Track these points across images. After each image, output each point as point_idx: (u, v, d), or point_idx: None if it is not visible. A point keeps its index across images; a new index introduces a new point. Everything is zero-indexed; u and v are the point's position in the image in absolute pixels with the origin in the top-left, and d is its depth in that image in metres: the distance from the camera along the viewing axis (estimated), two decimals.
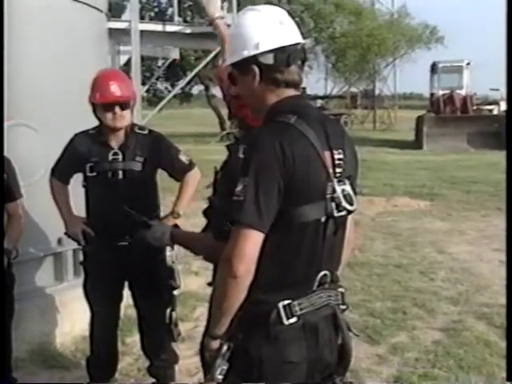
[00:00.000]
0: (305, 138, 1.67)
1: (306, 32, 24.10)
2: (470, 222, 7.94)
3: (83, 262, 3.27)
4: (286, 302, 1.68)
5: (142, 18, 12.36)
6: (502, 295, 4.20)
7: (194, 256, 2.36)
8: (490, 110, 22.51)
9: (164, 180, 3.35)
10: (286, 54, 1.72)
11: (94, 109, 3.08)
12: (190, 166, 3.23)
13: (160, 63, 16.03)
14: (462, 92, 20.93)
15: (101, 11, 4.58)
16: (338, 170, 1.73)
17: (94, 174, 3.09)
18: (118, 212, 2.53)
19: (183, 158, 3.22)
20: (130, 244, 2.94)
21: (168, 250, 2.41)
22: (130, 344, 3.83)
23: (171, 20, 12.05)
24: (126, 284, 3.24)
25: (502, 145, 4.86)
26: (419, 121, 19.83)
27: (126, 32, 8.46)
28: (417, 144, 19.18)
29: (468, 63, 21.83)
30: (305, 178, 1.65)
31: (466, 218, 8.20)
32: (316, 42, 30.04)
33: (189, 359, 3.51)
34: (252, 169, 1.61)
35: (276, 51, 1.72)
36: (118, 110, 3.01)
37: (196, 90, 33.74)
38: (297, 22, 1.85)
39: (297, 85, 1.78)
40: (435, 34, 31.76)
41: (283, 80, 1.75)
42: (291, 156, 1.62)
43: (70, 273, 4.15)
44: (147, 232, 2.19)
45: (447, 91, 20.69)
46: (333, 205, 1.70)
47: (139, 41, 8.56)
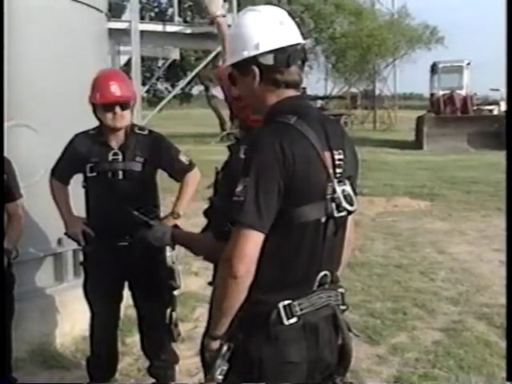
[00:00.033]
0: (305, 139, 1.66)
1: (306, 32, 24.08)
2: (470, 222, 7.93)
3: (83, 262, 3.27)
4: (287, 303, 1.68)
5: (142, 18, 12.38)
6: (502, 295, 4.20)
7: (195, 256, 2.36)
8: (490, 111, 22.46)
9: (164, 180, 3.35)
10: (286, 55, 1.72)
11: (94, 109, 3.08)
12: (189, 166, 3.22)
13: (160, 63, 16.06)
14: (462, 92, 20.91)
15: (101, 11, 4.58)
16: (338, 170, 1.73)
17: (94, 174, 3.09)
18: (118, 212, 2.53)
19: (183, 158, 3.22)
20: (130, 244, 2.95)
21: (168, 251, 2.41)
22: (130, 344, 3.83)
23: (171, 20, 12.07)
24: (126, 284, 3.24)
25: (502, 145, 4.86)
26: (419, 121, 19.81)
27: (126, 32, 8.48)
28: (417, 144, 19.16)
29: (468, 63, 21.81)
30: (305, 178, 1.64)
31: (466, 218, 8.20)
32: (316, 42, 30.03)
33: (189, 359, 3.50)
34: (252, 169, 1.61)
35: (276, 52, 1.72)
36: (118, 110, 3.01)
37: (196, 90, 33.87)
38: (297, 22, 1.84)
39: (297, 85, 1.78)
40: (435, 34, 31.77)
41: (283, 80, 1.75)
42: (291, 156, 1.62)
43: (70, 273, 4.15)
44: (148, 232, 2.19)
45: (447, 91, 20.66)
46: (333, 205, 1.70)
47: (139, 41, 8.58)
